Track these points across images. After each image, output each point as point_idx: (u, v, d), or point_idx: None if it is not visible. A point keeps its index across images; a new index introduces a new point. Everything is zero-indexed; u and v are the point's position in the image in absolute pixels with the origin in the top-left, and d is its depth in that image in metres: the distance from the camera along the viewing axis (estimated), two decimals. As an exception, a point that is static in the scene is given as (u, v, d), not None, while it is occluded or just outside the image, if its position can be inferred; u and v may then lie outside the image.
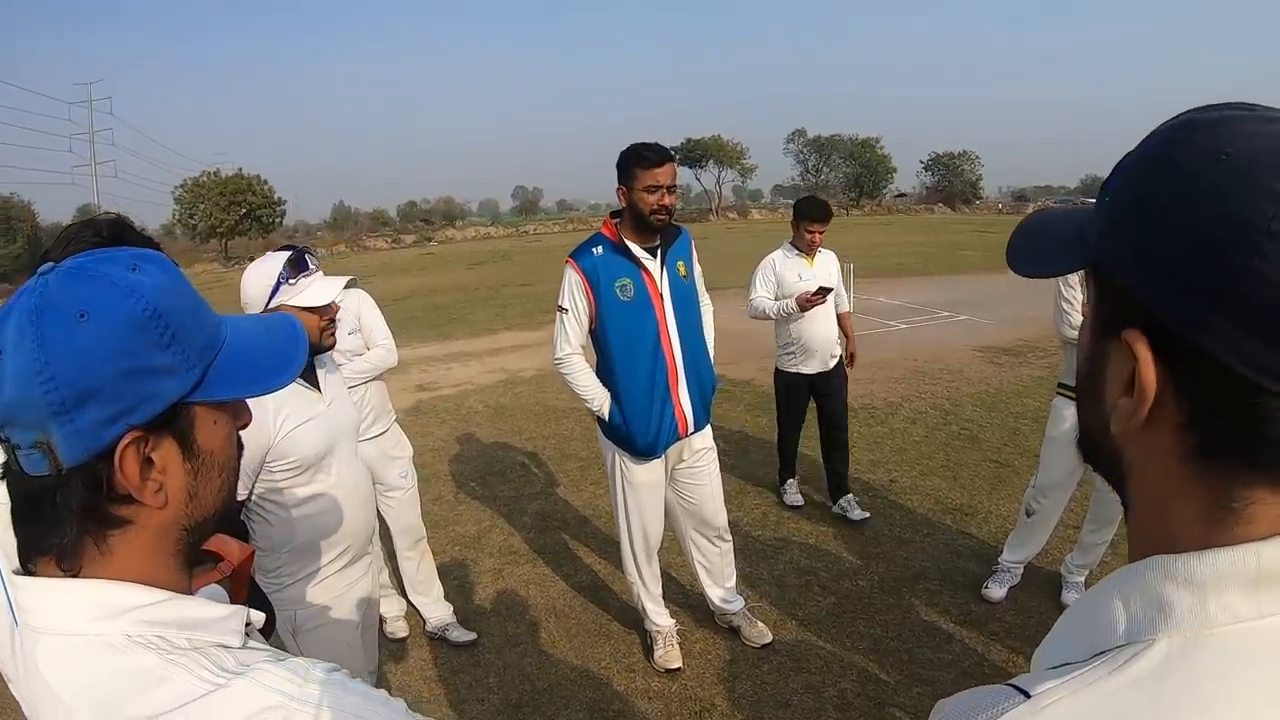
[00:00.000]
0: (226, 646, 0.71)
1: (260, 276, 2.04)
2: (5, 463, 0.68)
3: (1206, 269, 0.45)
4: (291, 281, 2.02)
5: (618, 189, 2.93)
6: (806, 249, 4.47)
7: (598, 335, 2.99)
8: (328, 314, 2.09)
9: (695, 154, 56.67)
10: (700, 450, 3.19)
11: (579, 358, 3.02)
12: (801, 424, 4.80)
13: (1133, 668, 0.46)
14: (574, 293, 2.94)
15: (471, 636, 3.53)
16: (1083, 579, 3.56)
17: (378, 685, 2.70)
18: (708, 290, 3.36)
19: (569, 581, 4.03)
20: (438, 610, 3.60)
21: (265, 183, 45.42)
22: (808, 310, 4.29)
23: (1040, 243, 0.63)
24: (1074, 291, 3.35)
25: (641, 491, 3.11)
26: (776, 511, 4.77)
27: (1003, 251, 0.66)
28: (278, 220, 47.16)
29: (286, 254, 2.07)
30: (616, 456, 3.09)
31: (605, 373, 3.02)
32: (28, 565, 0.71)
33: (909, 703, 2.95)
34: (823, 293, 4.22)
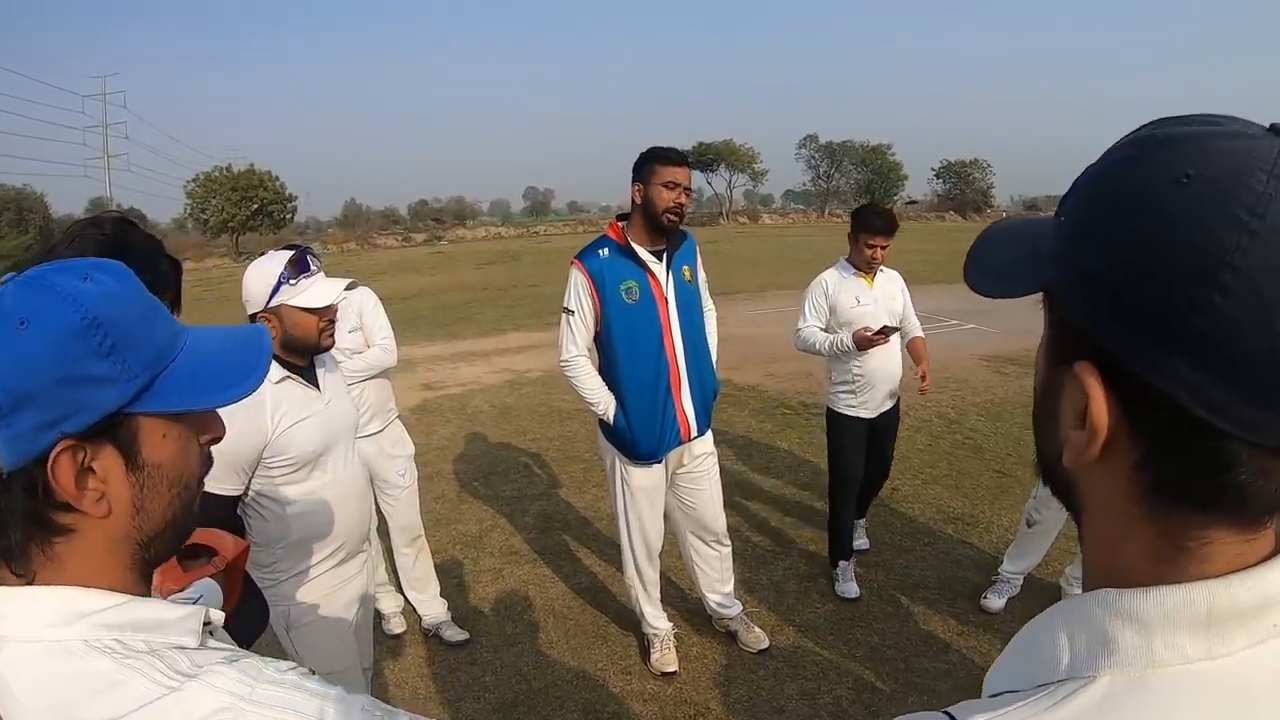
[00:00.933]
0: (183, 648, 0.72)
1: (261, 275, 2.05)
2: None
3: (1160, 302, 0.43)
4: (292, 282, 2.03)
5: (634, 187, 2.94)
6: (866, 267, 3.69)
7: (602, 338, 3.01)
8: (327, 315, 2.10)
9: (707, 157, 56.67)
10: (701, 455, 3.20)
11: (585, 360, 3.03)
12: (859, 480, 3.87)
13: (1071, 704, 0.45)
14: (580, 294, 2.95)
15: (464, 636, 3.54)
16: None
17: (373, 681, 2.72)
18: (717, 295, 3.36)
19: (569, 583, 4.04)
20: (433, 608, 3.61)
21: (277, 179, 45.64)
22: (865, 350, 3.59)
23: (994, 257, 0.60)
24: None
25: (641, 495, 3.12)
26: (777, 517, 4.77)
27: None
28: (289, 216, 47.35)
29: (288, 253, 2.08)
30: (617, 460, 3.10)
31: (609, 375, 3.03)
32: None
33: (904, 712, 2.93)
34: (885, 333, 3.51)
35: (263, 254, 2.18)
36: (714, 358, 3.23)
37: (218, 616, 0.80)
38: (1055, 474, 0.55)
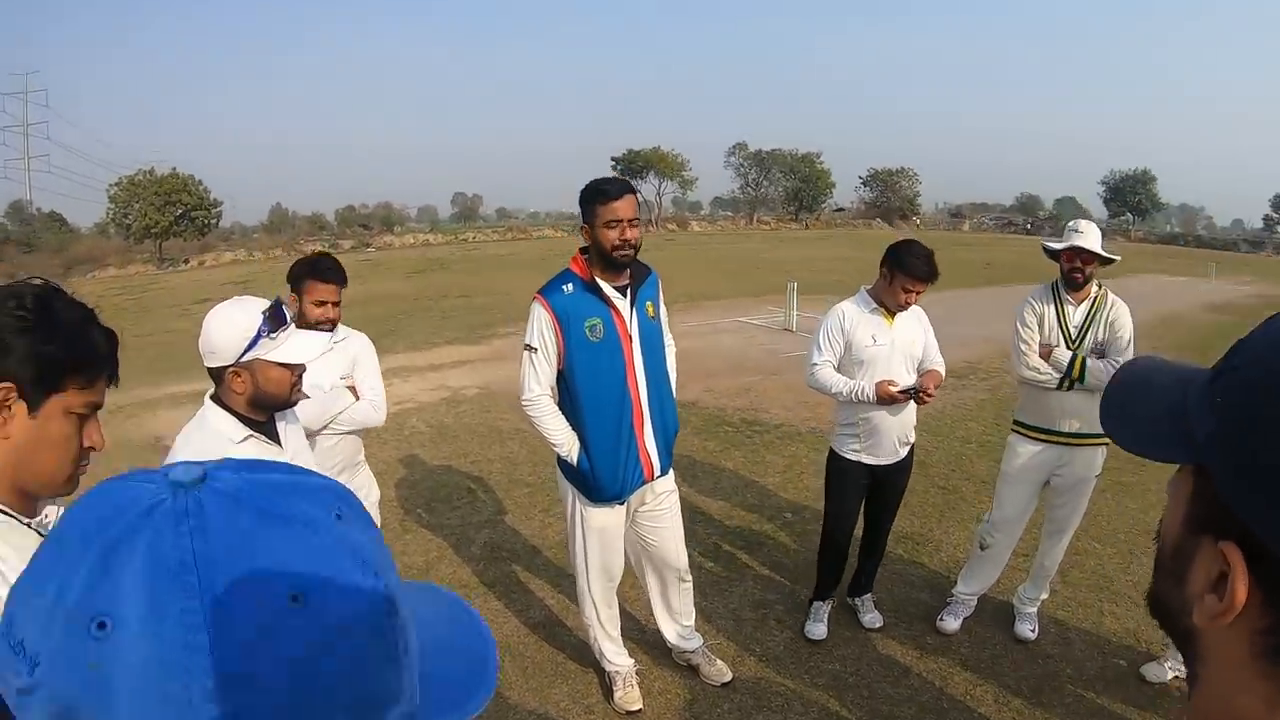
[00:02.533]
0: None
1: (233, 327, 1.91)
2: None
3: None
4: (272, 336, 1.92)
5: (581, 227, 2.89)
6: (893, 307, 3.45)
7: (565, 376, 2.93)
8: (298, 370, 2.00)
9: (636, 165, 56.80)
10: (663, 493, 3.16)
11: (548, 399, 2.96)
12: (853, 527, 3.71)
13: None
14: (543, 332, 2.87)
15: None
16: (1035, 610, 3.64)
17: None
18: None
19: (521, 618, 3.95)
20: None
21: (200, 183, 44.08)
22: (886, 404, 3.40)
23: (1138, 408, 0.61)
24: (1031, 333, 3.41)
25: (601, 535, 3.06)
26: (729, 541, 4.76)
27: (947, 268, 0.67)
28: (213, 222, 45.78)
29: (257, 302, 1.97)
30: (576, 499, 3.04)
31: (571, 415, 2.96)
32: None
33: (871, 745, 2.95)
34: (910, 394, 3.36)
35: (187, 260, 2.05)
36: (674, 393, 3.19)
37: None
38: (1175, 621, 0.58)
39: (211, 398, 2.01)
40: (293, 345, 1.97)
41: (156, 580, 0.37)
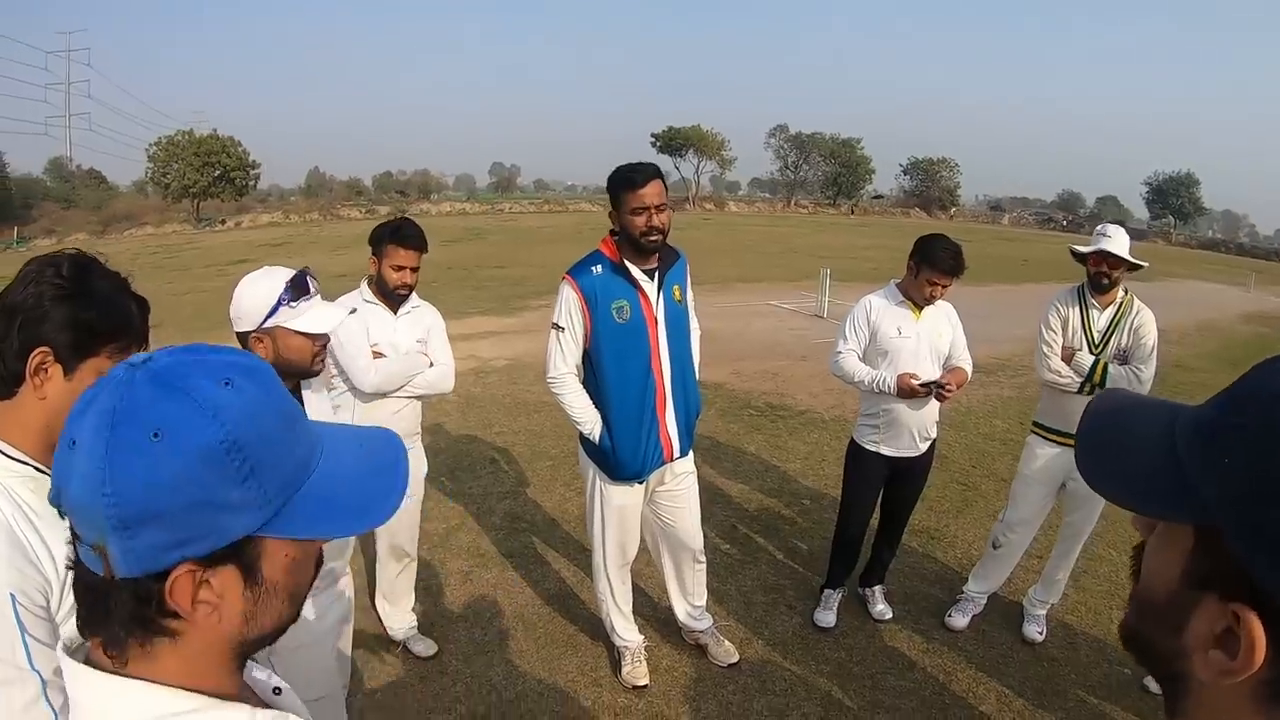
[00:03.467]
0: None
1: (258, 293, 1.97)
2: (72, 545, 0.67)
3: None
4: (292, 304, 1.97)
5: (610, 213, 2.92)
6: (919, 301, 3.47)
7: (591, 356, 2.98)
8: (321, 340, 2.05)
9: (675, 142, 56.59)
10: (682, 474, 3.21)
11: (574, 378, 3.01)
12: (869, 517, 3.76)
13: None
14: (571, 311, 2.92)
15: (433, 649, 3.47)
16: (1044, 612, 3.64)
17: (349, 698, 2.69)
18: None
19: (537, 588, 4.03)
20: (404, 620, 3.53)
21: (239, 145, 44.61)
22: (907, 398, 3.40)
23: (1122, 456, 0.61)
24: (1055, 335, 3.40)
25: (620, 514, 3.12)
26: (745, 524, 4.81)
27: (983, 262, 0.65)
28: (251, 184, 46.37)
29: (285, 271, 2.02)
30: (597, 477, 3.10)
31: (595, 394, 3.01)
32: (84, 643, 0.71)
33: (871, 733, 3.00)
34: (931, 389, 3.35)
35: (224, 221, 2.11)
36: (697, 377, 3.23)
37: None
38: (1158, 662, 0.59)
39: None
40: (313, 315, 2.01)
41: (98, 420, 0.62)
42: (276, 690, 0.84)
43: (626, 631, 3.31)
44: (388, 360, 3.11)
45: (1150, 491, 0.57)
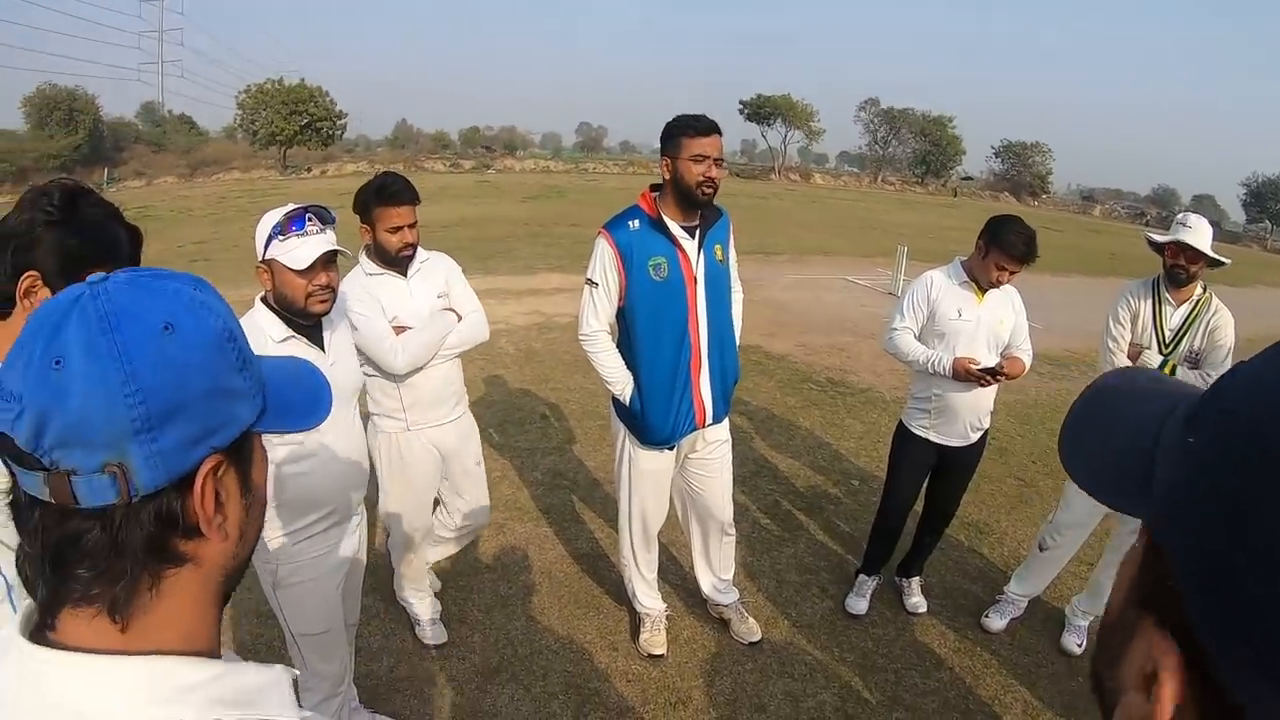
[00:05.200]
0: None
1: (264, 225, 2.01)
2: (32, 502, 0.61)
3: None
4: (281, 237, 1.98)
5: (661, 161, 2.80)
6: (985, 283, 3.22)
7: (625, 314, 2.89)
8: (315, 280, 2.03)
9: (765, 111, 55.60)
10: (715, 443, 3.11)
11: (606, 336, 2.94)
12: (912, 505, 3.58)
13: None
14: (605, 267, 2.83)
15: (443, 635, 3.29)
16: (1087, 624, 3.43)
17: (357, 636, 2.72)
18: (758, 255, 3.23)
19: (568, 546, 4.02)
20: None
21: (327, 94, 45.51)
22: (961, 381, 3.21)
23: (1099, 442, 0.50)
24: (1123, 330, 3.19)
25: (647, 479, 3.05)
26: (789, 500, 4.70)
27: (1069, 253, 0.53)
28: (338, 134, 47.33)
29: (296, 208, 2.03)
30: (626, 439, 3.03)
31: (627, 354, 2.94)
32: (46, 628, 0.63)
33: (886, 728, 2.90)
34: (992, 376, 3.13)
35: (309, 169, 2.13)
36: (738, 342, 3.12)
37: (295, 673, 0.73)
38: (1103, 696, 0.49)
39: (261, 298, 2.09)
40: (296, 251, 1.99)
41: (87, 331, 0.59)
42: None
43: (648, 598, 3.26)
44: (413, 332, 2.76)
45: (1115, 478, 0.47)
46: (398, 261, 2.77)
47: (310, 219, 2.02)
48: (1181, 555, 0.39)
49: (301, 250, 1.99)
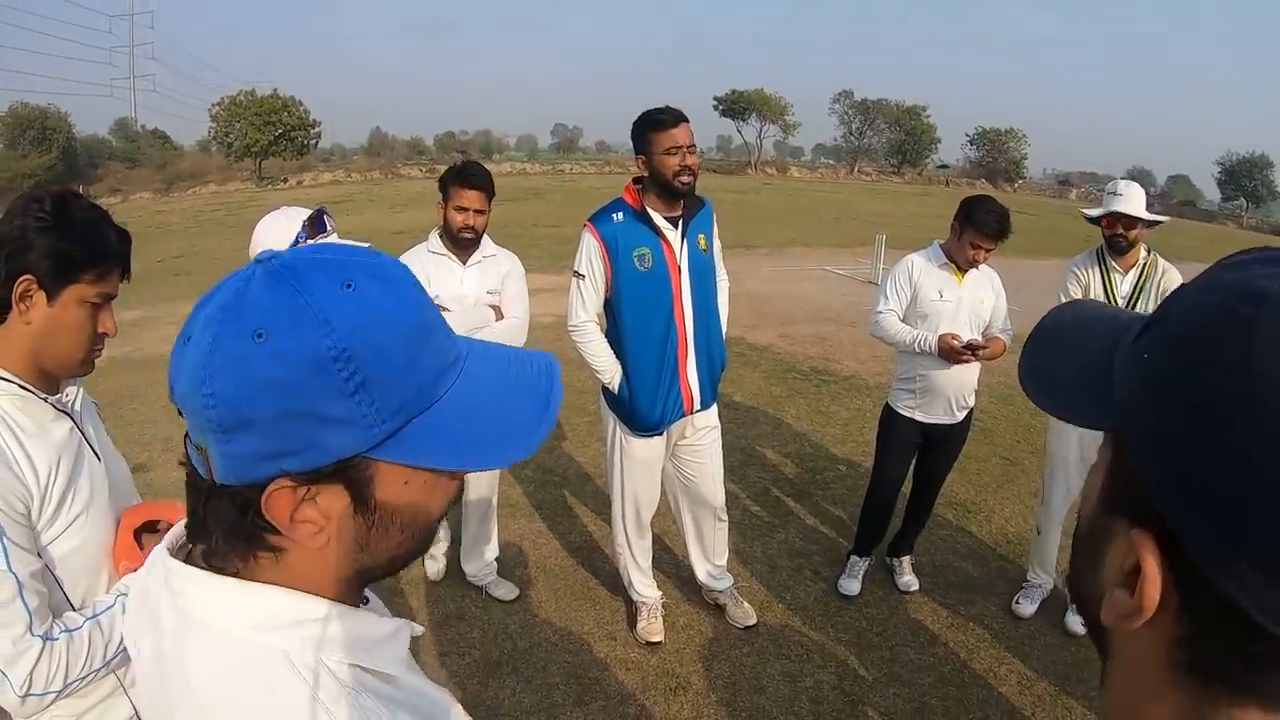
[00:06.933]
0: (388, 677, 0.67)
1: (275, 232, 1.98)
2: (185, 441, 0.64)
3: (1261, 513, 0.36)
4: (309, 243, 1.97)
5: (637, 159, 2.86)
6: (962, 264, 3.31)
7: (611, 304, 2.95)
8: None
9: (739, 106, 55.67)
10: (704, 429, 3.15)
11: (594, 326, 2.99)
12: (900, 485, 3.65)
13: None
14: (591, 259, 2.89)
15: (515, 593, 3.52)
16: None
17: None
18: (738, 249, 3.27)
19: (563, 540, 4.04)
20: (485, 566, 3.56)
21: (300, 104, 45.17)
22: (949, 360, 3.26)
23: (1058, 362, 0.53)
24: (1075, 290, 3.25)
25: (639, 466, 3.09)
26: (778, 487, 4.74)
27: (1046, 237, 0.56)
28: (312, 143, 46.98)
29: (304, 211, 2.03)
30: (617, 428, 3.07)
31: (615, 343, 2.99)
32: (187, 546, 0.67)
33: (884, 703, 2.94)
34: (973, 351, 3.20)
35: (285, 179, 2.12)
36: (724, 330, 3.16)
37: (418, 631, 0.74)
38: (1089, 611, 0.50)
39: None
40: None
41: (210, 316, 0.59)
42: (364, 600, 0.76)
43: (644, 587, 3.29)
44: (447, 315, 2.89)
45: (1074, 391, 0.50)
46: (460, 244, 3.03)
47: (329, 219, 2.03)
48: (1145, 452, 0.42)
49: None
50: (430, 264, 3.01)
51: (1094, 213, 3.26)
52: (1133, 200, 3.12)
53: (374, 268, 0.63)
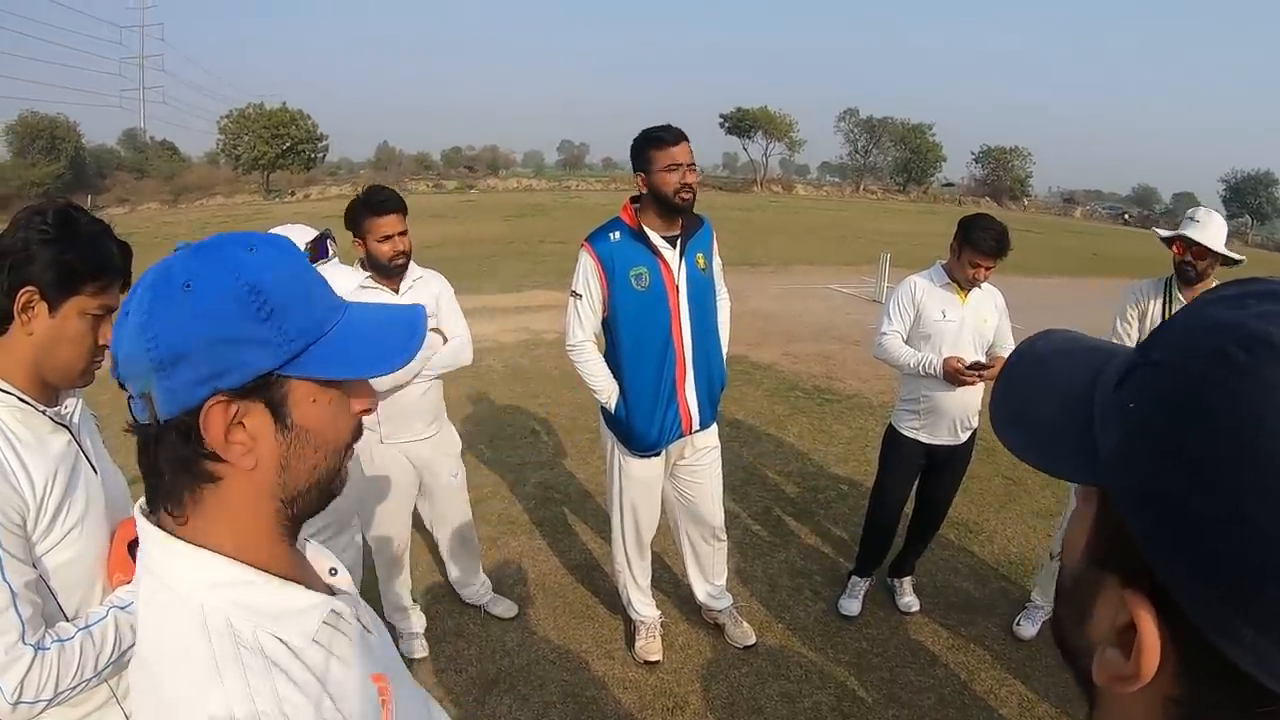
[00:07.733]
0: (296, 647, 0.74)
1: None
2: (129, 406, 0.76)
3: (1267, 576, 0.34)
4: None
5: (637, 177, 2.86)
6: (964, 283, 3.30)
7: (609, 324, 2.94)
8: None
9: (744, 124, 56.00)
10: (703, 449, 3.15)
11: (592, 345, 2.98)
12: (903, 506, 3.62)
13: None
14: (588, 279, 2.88)
15: (514, 611, 3.52)
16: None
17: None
18: (742, 266, 3.27)
19: (562, 558, 4.03)
20: (478, 587, 3.56)
21: (309, 118, 45.53)
22: (955, 384, 3.20)
23: (1033, 404, 0.49)
24: (1129, 328, 3.19)
25: (638, 486, 3.07)
26: (779, 506, 4.73)
27: (1050, 255, 0.53)
28: (319, 157, 47.34)
29: (308, 232, 2.03)
30: (616, 448, 3.06)
31: (612, 363, 2.98)
32: (152, 510, 0.78)
33: (882, 725, 2.92)
34: (979, 369, 3.13)
35: (293, 193, 2.13)
36: (725, 349, 3.16)
37: (340, 608, 0.81)
38: (1072, 658, 0.49)
39: None
40: (332, 280, 1.99)
41: (143, 289, 0.73)
42: (333, 570, 0.90)
43: (642, 606, 3.27)
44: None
45: (1051, 440, 0.47)
46: (391, 273, 2.85)
47: (331, 244, 2.04)
48: (1136, 510, 0.40)
49: (334, 280, 1.99)
50: (364, 298, 2.84)
51: (1166, 234, 3.16)
52: (1209, 230, 3.00)
53: (271, 239, 0.79)
